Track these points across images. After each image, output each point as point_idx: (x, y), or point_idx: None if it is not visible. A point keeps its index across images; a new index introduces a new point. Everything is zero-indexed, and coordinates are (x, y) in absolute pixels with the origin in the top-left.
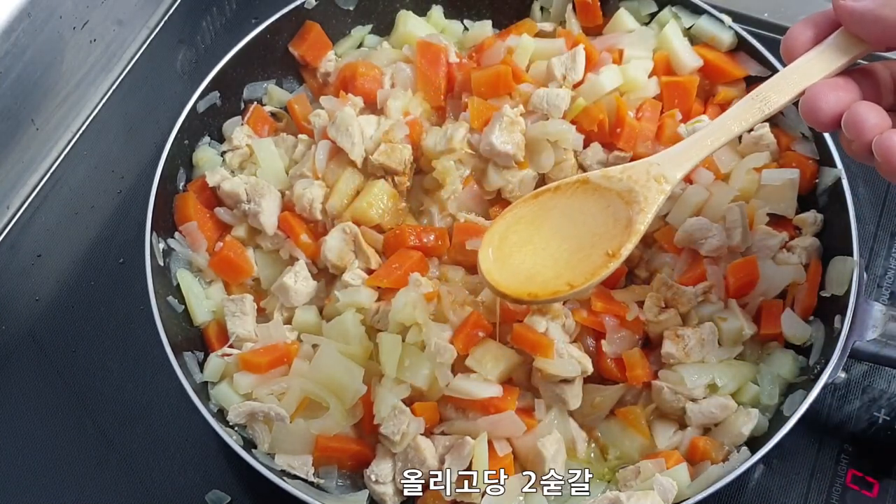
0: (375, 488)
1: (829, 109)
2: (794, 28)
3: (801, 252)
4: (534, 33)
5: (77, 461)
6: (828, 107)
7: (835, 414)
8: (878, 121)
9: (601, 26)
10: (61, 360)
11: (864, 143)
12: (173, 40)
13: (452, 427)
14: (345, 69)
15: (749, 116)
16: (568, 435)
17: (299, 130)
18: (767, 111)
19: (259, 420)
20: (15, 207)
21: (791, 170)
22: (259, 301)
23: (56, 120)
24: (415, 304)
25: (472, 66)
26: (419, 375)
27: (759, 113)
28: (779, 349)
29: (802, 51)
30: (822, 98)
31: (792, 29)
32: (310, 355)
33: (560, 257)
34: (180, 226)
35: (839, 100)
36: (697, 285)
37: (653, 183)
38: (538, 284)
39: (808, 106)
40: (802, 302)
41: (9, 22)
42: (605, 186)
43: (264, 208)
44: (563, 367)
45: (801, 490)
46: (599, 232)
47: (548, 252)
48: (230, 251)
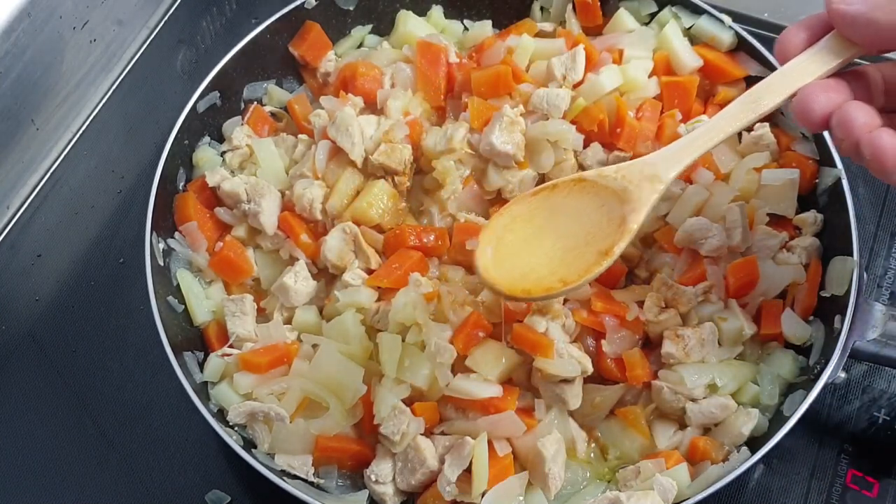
0: (375, 488)
1: (820, 110)
2: (788, 31)
3: (801, 252)
4: (534, 33)
5: (77, 461)
6: (819, 107)
7: (835, 414)
8: (868, 120)
9: (601, 26)
10: (61, 360)
11: (853, 141)
12: (173, 40)
13: (452, 427)
14: (345, 69)
15: (743, 116)
16: (568, 435)
17: (299, 130)
18: (760, 111)
19: (259, 420)
20: (15, 207)
21: (791, 170)
22: (259, 301)
23: (56, 120)
24: (415, 305)
25: (472, 66)
26: (419, 375)
27: (752, 113)
28: (779, 349)
29: (795, 52)
30: (814, 98)
31: (785, 31)
32: (310, 355)
33: (555, 255)
34: (180, 226)
35: (830, 100)
36: (697, 285)
37: (646, 182)
38: (532, 281)
39: (799, 106)
40: (802, 302)
41: (9, 22)
42: (600, 185)
43: (264, 208)
44: (563, 368)
45: (802, 490)
46: (594, 230)
47: (543, 249)
48: (230, 251)
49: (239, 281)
